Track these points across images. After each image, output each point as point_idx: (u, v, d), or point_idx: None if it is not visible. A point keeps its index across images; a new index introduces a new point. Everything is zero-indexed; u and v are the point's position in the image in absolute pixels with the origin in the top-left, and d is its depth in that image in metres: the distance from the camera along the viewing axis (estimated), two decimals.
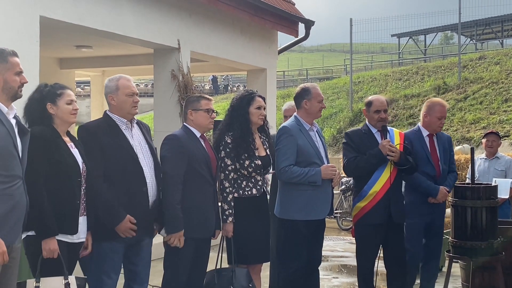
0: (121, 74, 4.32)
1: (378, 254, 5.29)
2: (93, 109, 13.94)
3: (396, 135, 5.37)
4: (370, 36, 23.62)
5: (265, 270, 5.34)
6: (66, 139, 3.91)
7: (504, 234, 5.72)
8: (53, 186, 3.70)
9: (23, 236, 3.57)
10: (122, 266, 4.23)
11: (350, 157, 5.23)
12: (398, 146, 5.20)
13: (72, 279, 3.73)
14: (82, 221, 3.87)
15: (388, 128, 5.38)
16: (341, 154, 5.32)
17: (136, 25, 7.91)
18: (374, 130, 5.31)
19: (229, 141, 4.76)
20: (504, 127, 13.89)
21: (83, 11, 7.06)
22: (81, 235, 3.87)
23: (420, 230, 5.57)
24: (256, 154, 4.79)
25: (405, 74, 20.29)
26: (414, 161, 5.29)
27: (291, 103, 5.72)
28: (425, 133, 5.61)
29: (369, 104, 5.35)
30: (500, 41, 29.67)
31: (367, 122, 5.40)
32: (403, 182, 5.52)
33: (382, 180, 5.15)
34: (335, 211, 11.46)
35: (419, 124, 5.72)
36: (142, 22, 8.02)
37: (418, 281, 7.08)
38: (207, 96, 4.75)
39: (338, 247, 9.67)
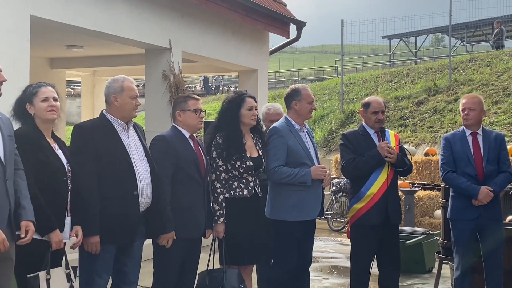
0: (120, 75, 4.28)
1: (374, 256, 5.27)
2: (83, 109, 13.89)
3: (392, 136, 5.36)
4: (361, 37, 23.73)
5: None
6: (50, 140, 3.87)
7: None
8: (41, 185, 3.66)
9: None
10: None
11: (348, 158, 5.16)
12: (394, 148, 5.21)
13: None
14: (68, 221, 3.84)
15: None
16: (332, 155, 5.35)
17: (127, 25, 7.90)
18: (371, 132, 5.27)
19: (220, 141, 4.75)
20: (494, 129, 13.92)
21: (74, 11, 7.04)
22: (66, 235, 3.83)
23: (467, 236, 5.22)
24: (248, 155, 4.78)
25: (396, 75, 20.34)
26: (410, 162, 5.28)
27: (270, 105, 5.76)
28: (467, 132, 5.31)
29: (366, 105, 5.27)
30: (490, 43, 29.80)
31: (363, 123, 5.33)
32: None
33: (379, 181, 5.13)
34: (326, 212, 11.46)
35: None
36: (133, 22, 8.00)
37: (409, 282, 7.12)
38: (195, 96, 4.75)
39: (329, 248, 9.67)
